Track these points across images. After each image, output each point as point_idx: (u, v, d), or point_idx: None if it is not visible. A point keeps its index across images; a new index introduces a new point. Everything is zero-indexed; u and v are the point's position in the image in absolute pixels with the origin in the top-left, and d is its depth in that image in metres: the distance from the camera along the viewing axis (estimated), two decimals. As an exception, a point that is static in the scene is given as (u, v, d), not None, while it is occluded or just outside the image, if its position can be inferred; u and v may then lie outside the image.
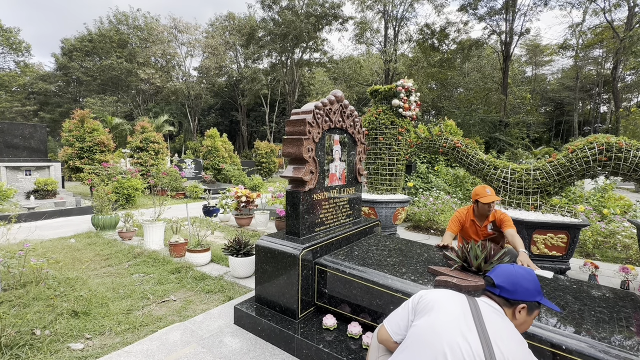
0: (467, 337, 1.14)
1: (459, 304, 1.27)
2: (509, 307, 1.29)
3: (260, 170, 17.89)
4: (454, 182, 8.60)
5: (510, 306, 1.29)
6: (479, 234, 3.23)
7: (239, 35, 32.06)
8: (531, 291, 1.29)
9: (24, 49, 30.43)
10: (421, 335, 1.22)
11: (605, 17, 22.25)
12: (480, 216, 3.20)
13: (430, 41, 25.90)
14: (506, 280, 1.31)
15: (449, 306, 1.26)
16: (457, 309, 1.24)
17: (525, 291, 1.29)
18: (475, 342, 1.12)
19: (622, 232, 4.99)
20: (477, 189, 3.13)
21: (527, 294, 1.28)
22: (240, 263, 3.72)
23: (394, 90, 5.38)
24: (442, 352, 1.12)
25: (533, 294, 1.29)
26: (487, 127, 22.18)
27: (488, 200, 3.00)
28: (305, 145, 2.60)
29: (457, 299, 1.30)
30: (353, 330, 2.25)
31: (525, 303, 1.28)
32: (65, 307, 2.83)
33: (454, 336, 1.15)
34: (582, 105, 36.29)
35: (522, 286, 1.29)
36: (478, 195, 3.08)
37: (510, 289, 1.29)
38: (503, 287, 1.31)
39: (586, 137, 3.96)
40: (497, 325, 1.19)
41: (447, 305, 1.27)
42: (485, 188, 3.07)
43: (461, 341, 1.13)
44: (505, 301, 1.30)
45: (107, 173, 8.57)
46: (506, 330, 1.20)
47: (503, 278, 1.32)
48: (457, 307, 1.25)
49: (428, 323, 1.22)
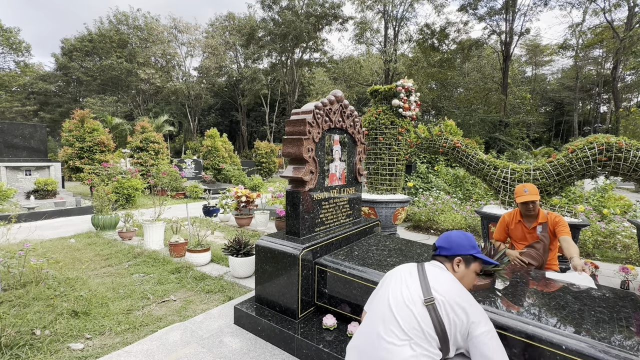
0: (408, 285, 1.41)
1: (408, 267, 1.54)
2: (449, 262, 1.55)
3: (260, 170, 17.89)
4: (454, 182, 8.60)
5: (449, 261, 1.55)
6: (527, 237, 2.93)
7: (239, 35, 32.06)
8: (465, 246, 1.54)
9: (24, 49, 30.42)
10: (378, 295, 1.51)
11: (605, 17, 22.25)
12: (526, 217, 2.95)
13: (430, 41, 25.90)
14: (443, 241, 1.59)
15: (400, 270, 1.54)
16: (404, 270, 1.52)
17: (459, 246, 1.54)
18: (415, 285, 1.40)
19: (622, 232, 4.99)
20: (517, 188, 2.91)
21: (460, 248, 1.53)
22: (240, 263, 3.72)
23: (394, 90, 5.38)
24: (387, 301, 1.39)
25: (467, 248, 1.53)
26: (487, 127, 22.18)
27: (523, 200, 2.78)
28: (305, 145, 2.60)
29: (409, 265, 1.56)
30: (353, 330, 2.25)
31: (461, 256, 1.53)
32: (65, 307, 2.83)
33: (398, 285, 1.43)
34: (582, 105, 36.30)
35: (455, 242, 1.55)
36: (516, 194, 2.88)
37: (447, 247, 1.56)
38: (441, 246, 1.58)
39: (586, 137, 3.96)
40: (436, 274, 1.45)
41: (398, 269, 1.55)
42: (523, 187, 2.85)
43: (403, 288, 1.40)
44: (444, 258, 1.56)
45: (107, 173, 8.57)
46: (443, 276, 1.44)
47: (442, 240, 1.60)
48: (405, 269, 1.52)
49: (383, 286, 1.52)
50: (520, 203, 2.85)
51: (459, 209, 6.51)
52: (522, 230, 2.96)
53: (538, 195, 2.83)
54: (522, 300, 1.96)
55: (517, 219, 2.99)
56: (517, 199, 2.85)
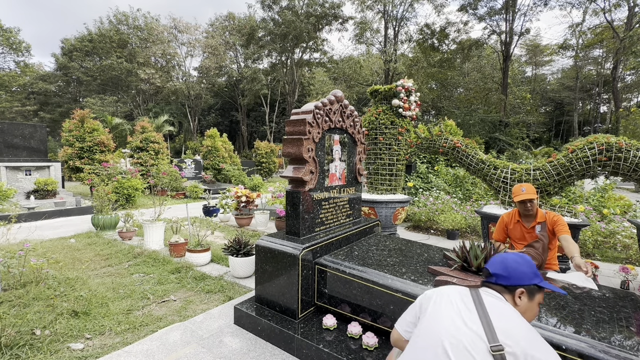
0: (465, 320, 1.14)
1: (459, 292, 1.28)
2: (508, 294, 1.27)
3: (260, 170, 17.90)
4: (454, 182, 8.60)
5: (509, 292, 1.27)
6: (526, 237, 2.94)
7: (239, 35, 32.05)
8: (527, 274, 1.27)
9: (24, 49, 30.43)
10: (424, 325, 1.23)
11: (605, 17, 22.25)
12: (524, 216, 2.96)
13: (430, 41, 25.90)
14: (500, 267, 1.31)
15: (450, 295, 1.27)
16: (455, 296, 1.26)
17: (520, 275, 1.27)
18: (475, 323, 1.12)
19: (622, 232, 4.99)
20: (514, 187, 2.93)
21: (523, 277, 1.27)
22: (240, 263, 3.72)
23: (394, 90, 5.38)
24: (439, 339, 1.13)
25: (530, 276, 1.27)
26: (487, 127, 22.18)
27: (521, 199, 2.79)
28: (305, 145, 2.60)
29: (459, 289, 1.31)
30: (353, 330, 2.25)
31: (524, 287, 1.26)
32: (65, 307, 2.83)
33: (452, 318, 1.16)
34: (582, 105, 36.30)
35: (515, 270, 1.28)
36: (513, 194, 2.89)
37: (505, 275, 1.28)
38: (498, 274, 1.30)
39: (586, 137, 3.96)
40: (499, 309, 1.18)
41: (448, 294, 1.27)
42: (521, 186, 2.86)
43: (459, 324, 1.13)
44: (503, 288, 1.28)
45: (107, 173, 8.57)
46: (508, 311, 1.18)
47: (497, 265, 1.32)
48: (455, 294, 1.27)
49: (430, 314, 1.23)
50: (518, 202, 2.85)
51: (459, 209, 6.51)
52: (521, 230, 2.97)
53: (535, 194, 2.84)
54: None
55: (515, 219, 3.00)
56: (515, 198, 2.85)
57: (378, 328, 2.24)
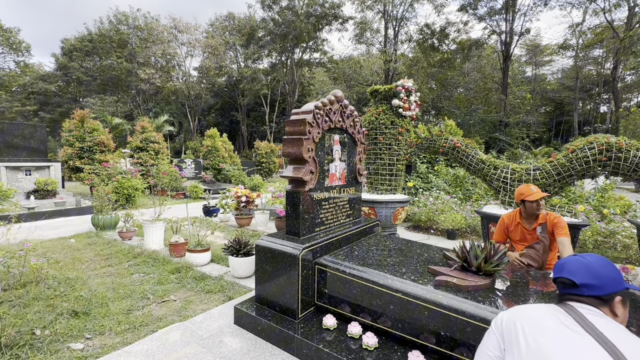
0: (584, 350, 0.93)
1: (554, 315, 1.06)
2: (604, 306, 1.07)
3: (260, 170, 17.90)
4: (454, 182, 8.59)
5: (605, 304, 1.07)
6: (527, 238, 2.94)
7: (239, 35, 32.06)
8: (618, 279, 1.08)
9: (24, 49, 30.47)
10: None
11: (605, 17, 22.27)
12: (528, 217, 2.93)
13: (430, 41, 25.93)
14: (588, 276, 1.08)
15: (545, 320, 1.04)
16: (555, 322, 1.03)
17: (612, 281, 1.07)
18: (599, 353, 0.91)
19: (622, 232, 4.99)
20: (521, 188, 2.89)
21: (615, 283, 1.07)
22: (240, 263, 3.72)
23: (394, 90, 5.38)
24: None
25: (620, 280, 1.09)
26: (487, 127, 22.20)
27: (535, 198, 2.75)
28: (305, 145, 2.60)
29: (547, 309, 1.09)
30: (353, 330, 2.25)
31: (619, 294, 1.07)
32: (65, 307, 2.84)
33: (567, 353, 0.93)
34: (582, 105, 36.29)
35: (607, 277, 1.07)
36: (523, 194, 2.84)
37: (598, 284, 1.06)
38: (588, 284, 1.07)
39: (586, 137, 3.96)
40: (612, 328, 0.98)
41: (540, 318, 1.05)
42: (529, 186, 2.84)
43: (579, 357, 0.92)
44: (598, 300, 1.07)
45: (107, 173, 8.57)
46: (621, 329, 0.99)
47: (583, 274, 1.09)
48: (552, 319, 1.04)
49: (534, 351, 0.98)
50: (530, 202, 2.81)
51: (459, 209, 6.51)
52: (521, 231, 2.97)
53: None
54: (522, 300, 1.96)
55: (516, 220, 2.99)
56: (527, 198, 2.80)
57: (378, 328, 2.24)
